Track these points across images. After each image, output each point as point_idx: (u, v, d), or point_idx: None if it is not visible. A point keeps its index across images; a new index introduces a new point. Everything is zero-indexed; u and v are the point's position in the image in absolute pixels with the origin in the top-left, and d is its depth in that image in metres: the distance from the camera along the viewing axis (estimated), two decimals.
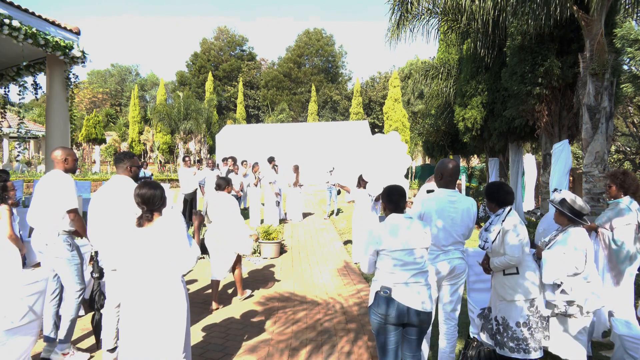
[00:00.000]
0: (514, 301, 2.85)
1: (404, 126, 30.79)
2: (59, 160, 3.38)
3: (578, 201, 2.95)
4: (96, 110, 36.66)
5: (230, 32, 51.29)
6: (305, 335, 3.88)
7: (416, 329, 2.50)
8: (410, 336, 2.53)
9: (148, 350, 2.42)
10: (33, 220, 3.33)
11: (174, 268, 2.47)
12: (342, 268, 6.38)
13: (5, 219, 3.64)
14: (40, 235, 3.29)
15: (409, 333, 2.52)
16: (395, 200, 2.63)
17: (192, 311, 4.22)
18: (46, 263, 3.39)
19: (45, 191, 3.31)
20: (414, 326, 2.48)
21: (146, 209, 2.48)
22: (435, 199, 3.06)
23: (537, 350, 2.81)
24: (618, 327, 3.09)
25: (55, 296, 3.42)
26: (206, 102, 33.14)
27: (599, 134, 6.48)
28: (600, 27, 6.42)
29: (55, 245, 3.27)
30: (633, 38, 10.31)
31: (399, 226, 2.54)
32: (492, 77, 10.51)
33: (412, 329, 2.50)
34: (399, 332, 2.49)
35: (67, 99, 7.07)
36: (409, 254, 2.48)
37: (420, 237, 2.52)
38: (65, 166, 3.39)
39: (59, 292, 3.45)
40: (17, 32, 5.60)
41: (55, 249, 3.28)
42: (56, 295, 3.43)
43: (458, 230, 3.00)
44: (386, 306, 2.43)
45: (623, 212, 3.57)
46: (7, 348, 2.45)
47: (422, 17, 9.84)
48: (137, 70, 62.07)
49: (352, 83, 48.92)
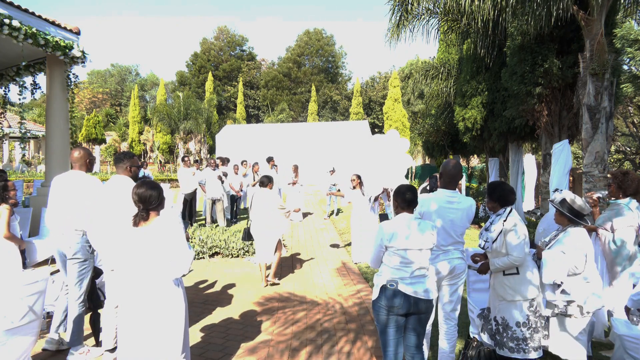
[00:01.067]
0: (514, 301, 2.85)
1: (404, 126, 30.81)
2: (82, 161, 3.39)
3: (578, 201, 2.95)
4: (96, 110, 36.65)
5: (230, 32, 51.32)
6: (305, 336, 3.87)
7: (418, 317, 2.61)
8: (412, 327, 2.62)
9: (147, 351, 2.41)
10: (56, 221, 3.33)
11: (169, 270, 2.47)
12: (342, 268, 6.38)
13: (4, 219, 3.64)
14: (64, 236, 3.31)
15: (411, 323, 2.62)
16: (409, 199, 2.70)
17: (192, 311, 4.23)
18: (60, 261, 3.43)
19: (72, 192, 3.31)
20: (418, 314, 2.60)
21: (142, 207, 2.48)
22: (434, 199, 3.06)
23: (537, 350, 2.81)
24: (618, 327, 3.09)
25: (67, 292, 3.44)
26: (206, 102, 33.13)
27: (599, 134, 6.48)
28: (600, 27, 6.42)
29: (77, 246, 3.30)
30: (633, 38, 10.31)
31: (409, 226, 2.62)
32: (492, 77, 10.51)
33: (415, 317, 2.61)
34: (401, 326, 2.61)
35: (68, 99, 7.07)
36: (416, 253, 2.58)
37: (427, 238, 2.62)
38: (85, 166, 3.42)
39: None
40: (17, 32, 5.60)
41: (75, 249, 3.31)
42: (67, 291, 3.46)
43: (457, 231, 3.01)
44: (392, 297, 2.55)
45: (623, 212, 3.57)
46: (7, 348, 2.45)
47: (422, 17, 9.84)
48: (137, 70, 62.13)
49: (352, 83, 48.98)
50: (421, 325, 2.65)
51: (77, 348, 3.30)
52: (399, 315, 2.57)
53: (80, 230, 3.30)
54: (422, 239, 2.59)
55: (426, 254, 2.63)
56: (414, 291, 2.54)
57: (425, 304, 2.58)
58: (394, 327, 2.58)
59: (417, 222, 2.66)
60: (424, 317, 2.64)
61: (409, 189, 2.75)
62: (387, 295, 2.56)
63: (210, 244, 7.00)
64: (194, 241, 7.04)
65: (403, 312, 2.55)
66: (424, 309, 2.60)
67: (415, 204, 2.74)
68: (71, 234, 3.30)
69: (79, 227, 3.29)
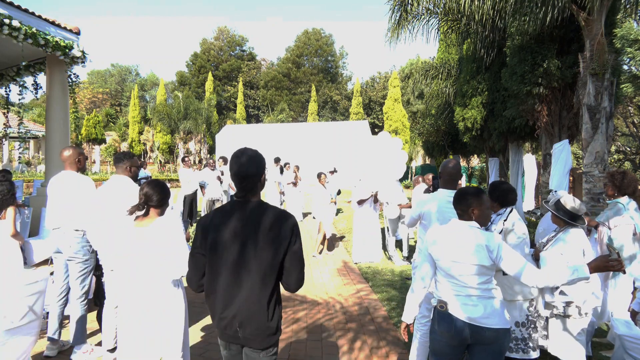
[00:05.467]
0: (514, 301, 2.85)
1: (404, 126, 30.78)
2: (70, 160, 3.37)
3: (571, 202, 2.91)
4: (96, 110, 36.63)
5: (230, 32, 51.30)
6: (305, 335, 3.88)
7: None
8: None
9: (147, 351, 2.42)
10: (55, 221, 3.34)
11: (168, 271, 2.47)
12: (342, 268, 6.38)
13: (10, 218, 3.67)
14: (65, 235, 3.31)
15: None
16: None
17: (192, 311, 4.23)
18: (60, 263, 3.44)
19: (65, 192, 3.31)
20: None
21: (143, 200, 2.50)
22: (434, 199, 3.06)
23: (536, 350, 2.82)
24: (618, 327, 3.09)
25: (62, 297, 3.45)
26: (206, 102, 33.12)
27: (599, 134, 6.47)
28: (600, 27, 6.41)
29: (78, 246, 3.31)
30: (633, 38, 10.31)
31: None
32: (492, 77, 10.51)
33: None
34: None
35: (68, 99, 7.07)
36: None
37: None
38: (76, 166, 3.40)
39: (66, 293, 3.48)
40: (17, 32, 5.59)
41: (76, 249, 3.31)
42: (63, 296, 3.46)
43: None
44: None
45: (621, 212, 3.56)
46: (7, 348, 2.44)
47: (422, 17, 9.84)
48: (137, 70, 62.10)
49: (352, 83, 48.96)
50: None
51: (81, 346, 3.31)
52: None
53: (80, 230, 3.31)
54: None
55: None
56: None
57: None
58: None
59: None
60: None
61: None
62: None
63: None
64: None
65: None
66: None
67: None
68: (71, 233, 3.30)
69: (78, 227, 3.30)
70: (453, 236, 2.23)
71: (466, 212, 2.25)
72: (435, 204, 3.02)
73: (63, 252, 3.36)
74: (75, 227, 3.30)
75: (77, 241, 3.30)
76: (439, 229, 2.35)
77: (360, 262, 6.63)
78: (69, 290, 3.46)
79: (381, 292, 5.10)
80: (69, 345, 3.48)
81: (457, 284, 2.16)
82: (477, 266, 2.12)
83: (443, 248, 2.22)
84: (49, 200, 3.38)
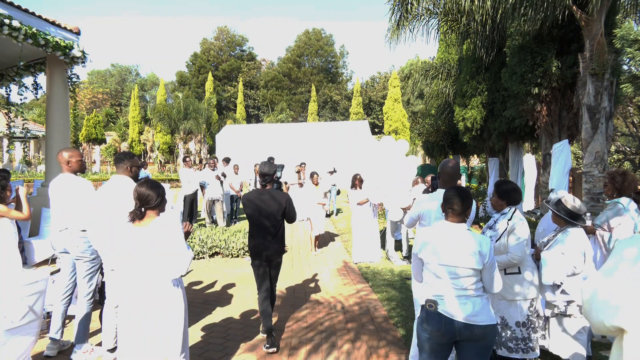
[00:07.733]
0: (514, 301, 2.85)
1: (404, 126, 30.78)
2: (64, 162, 3.38)
3: (572, 202, 2.92)
4: (96, 110, 36.64)
5: (230, 32, 51.28)
6: (304, 335, 3.88)
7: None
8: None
9: (147, 351, 2.42)
10: (62, 223, 3.35)
11: (167, 270, 2.47)
12: (342, 268, 6.38)
13: (23, 202, 3.60)
14: (71, 235, 3.33)
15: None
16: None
17: (192, 311, 4.23)
18: (66, 262, 3.45)
19: (64, 195, 3.33)
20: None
21: (139, 205, 2.48)
22: (433, 199, 3.06)
23: (535, 350, 2.82)
24: None
25: (67, 296, 3.46)
26: (206, 102, 33.10)
27: (598, 134, 6.48)
28: (600, 27, 6.41)
29: (85, 245, 3.33)
30: (633, 38, 10.31)
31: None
32: (492, 77, 10.51)
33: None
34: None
35: (69, 99, 7.07)
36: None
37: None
38: (69, 168, 3.39)
39: (71, 292, 3.49)
40: (17, 32, 5.59)
41: (83, 249, 3.33)
42: (68, 294, 3.47)
43: None
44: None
45: (621, 213, 3.56)
46: (7, 348, 2.44)
47: (422, 18, 9.83)
48: (137, 70, 62.12)
49: (352, 83, 48.97)
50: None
51: (82, 346, 3.31)
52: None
53: (86, 230, 3.33)
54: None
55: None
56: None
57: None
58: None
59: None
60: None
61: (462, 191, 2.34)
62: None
63: (210, 244, 7.00)
64: (194, 241, 7.04)
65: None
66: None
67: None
68: (78, 234, 3.33)
69: (84, 227, 3.32)
70: (445, 239, 2.25)
71: (463, 213, 2.28)
72: (434, 204, 3.02)
73: (70, 252, 3.38)
74: (81, 228, 3.32)
75: (83, 241, 3.32)
76: (427, 231, 2.37)
77: (360, 262, 6.63)
78: (73, 289, 3.48)
79: (381, 292, 5.11)
80: (69, 344, 3.49)
81: (447, 284, 2.20)
82: (468, 269, 2.17)
83: (434, 251, 2.24)
84: (52, 203, 3.40)
